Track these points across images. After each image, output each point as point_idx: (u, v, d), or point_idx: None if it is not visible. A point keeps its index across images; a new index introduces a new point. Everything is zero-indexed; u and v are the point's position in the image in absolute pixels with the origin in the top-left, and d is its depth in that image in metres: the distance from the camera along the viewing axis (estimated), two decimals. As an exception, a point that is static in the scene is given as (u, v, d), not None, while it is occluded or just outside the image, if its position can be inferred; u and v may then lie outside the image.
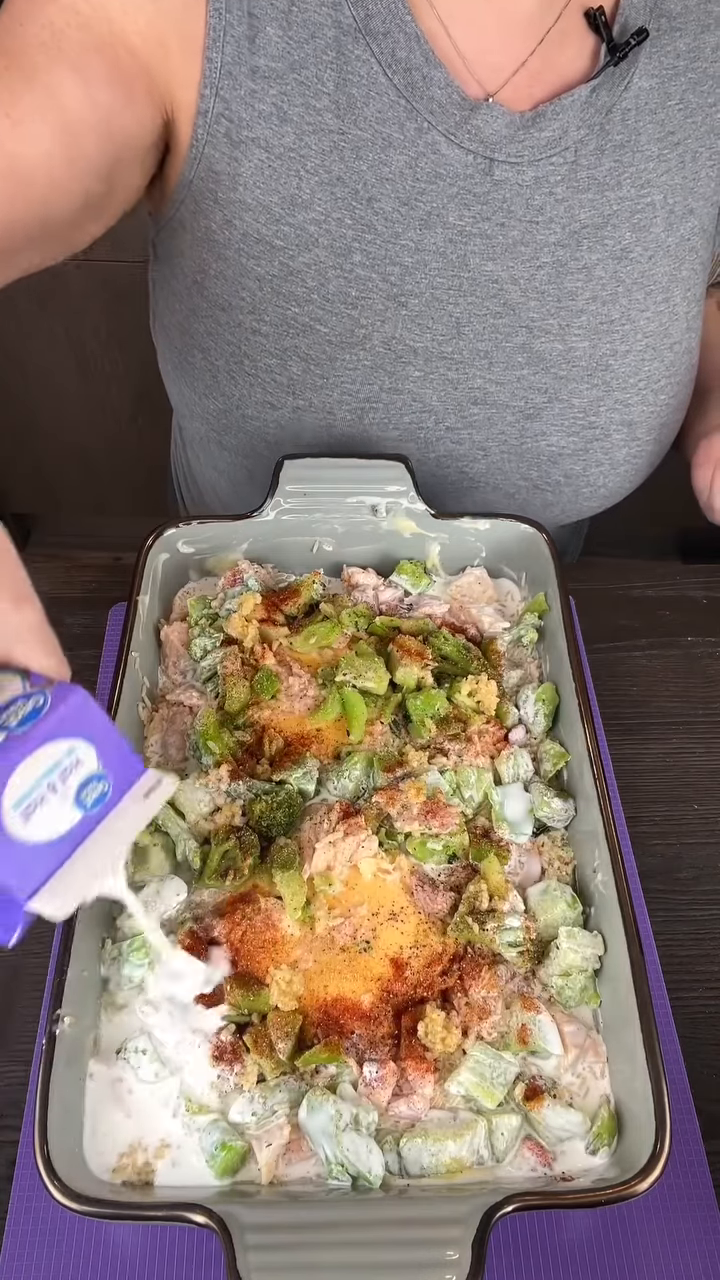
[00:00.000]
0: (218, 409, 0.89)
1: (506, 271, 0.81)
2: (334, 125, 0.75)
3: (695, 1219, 0.60)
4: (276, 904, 0.64)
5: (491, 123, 0.75)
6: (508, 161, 0.77)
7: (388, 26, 0.73)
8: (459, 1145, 0.56)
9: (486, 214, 0.78)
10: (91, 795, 0.47)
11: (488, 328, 0.83)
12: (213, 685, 0.75)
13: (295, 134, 0.74)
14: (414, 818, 0.67)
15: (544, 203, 0.79)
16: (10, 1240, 0.58)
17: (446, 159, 0.76)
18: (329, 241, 0.78)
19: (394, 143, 0.75)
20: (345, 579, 0.84)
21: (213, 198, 0.77)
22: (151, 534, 0.79)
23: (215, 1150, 0.55)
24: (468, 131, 0.76)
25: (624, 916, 0.60)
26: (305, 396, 0.84)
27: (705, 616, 0.92)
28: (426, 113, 0.75)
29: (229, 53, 0.72)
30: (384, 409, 0.85)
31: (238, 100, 0.74)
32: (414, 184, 0.77)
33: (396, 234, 0.78)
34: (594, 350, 0.84)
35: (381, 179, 0.76)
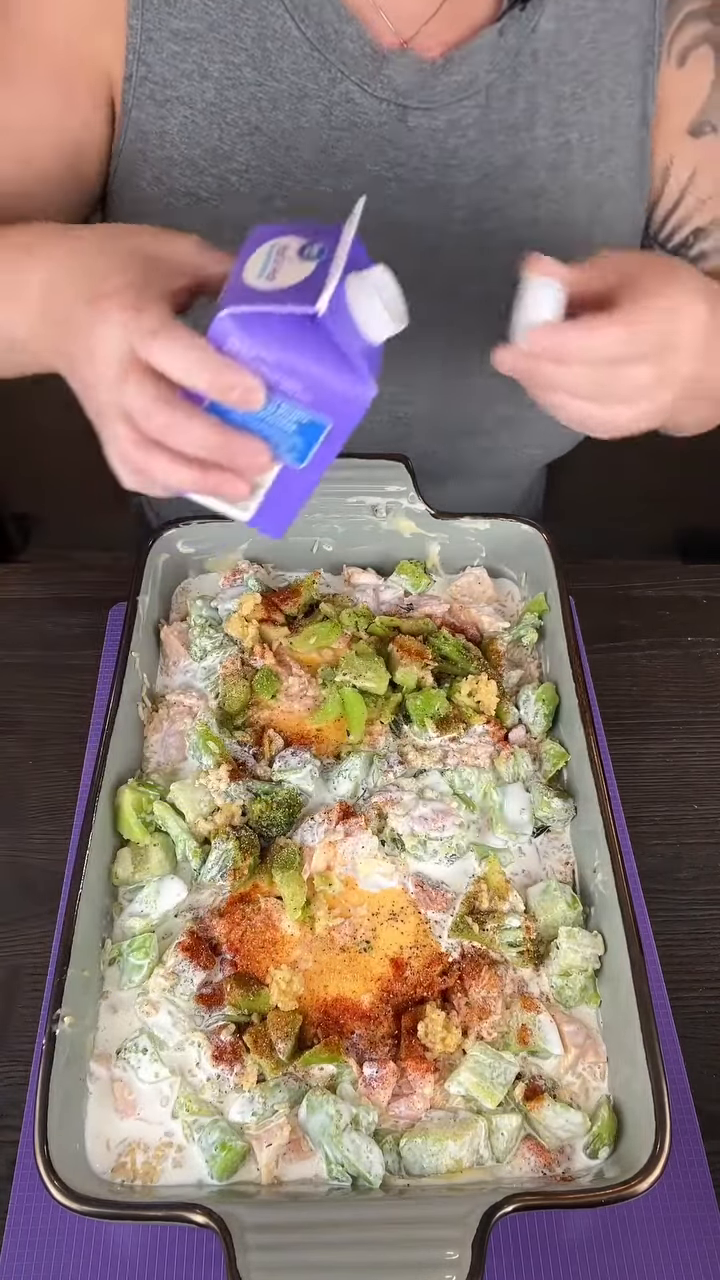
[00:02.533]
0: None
1: (424, 215, 0.81)
2: (252, 78, 0.78)
3: (695, 1219, 0.60)
4: (276, 904, 0.64)
5: (403, 71, 0.77)
6: (420, 108, 0.78)
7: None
8: (459, 1145, 0.56)
9: (401, 159, 0.80)
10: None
11: (410, 271, 0.83)
12: (213, 685, 0.75)
13: (216, 89, 0.78)
14: (414, 818, 0.67)
15: (457, 146, 0.80)
16: (10, 1240, 0.58)
17: (361, 108, 0.78)
18: (250, 190, 0.80)
19: (309, 93, 0.78)
20: (345, 579, 0.84)
21: (143, 158, 0.81)
22: (151, 534, 0.79)
23: (215, 1150, 0.55)
24: (380, 81, 0.77)
25: (624, 916, 0.60)
26: None
27: (705, 616, 0.92)
28: (339, 64, 0.77)
29: (149, 18, 0.76)
30: None
31: (160, 62, 0.77)
32: (330, 133, 0.79)
33: (316, 180, 0.80)
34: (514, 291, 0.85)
35: (299, 128, 0.79)
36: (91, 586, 0.92)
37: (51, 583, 0.93)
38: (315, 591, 0.81)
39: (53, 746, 0.81)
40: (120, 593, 0.83)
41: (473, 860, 0.68)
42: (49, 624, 0.89)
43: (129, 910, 0.64)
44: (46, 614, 0.90)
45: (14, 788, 0.78)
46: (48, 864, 0.74)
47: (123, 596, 0.77)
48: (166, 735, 0.73)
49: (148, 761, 0.72)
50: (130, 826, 0.66)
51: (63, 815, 0.76)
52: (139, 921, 0.63)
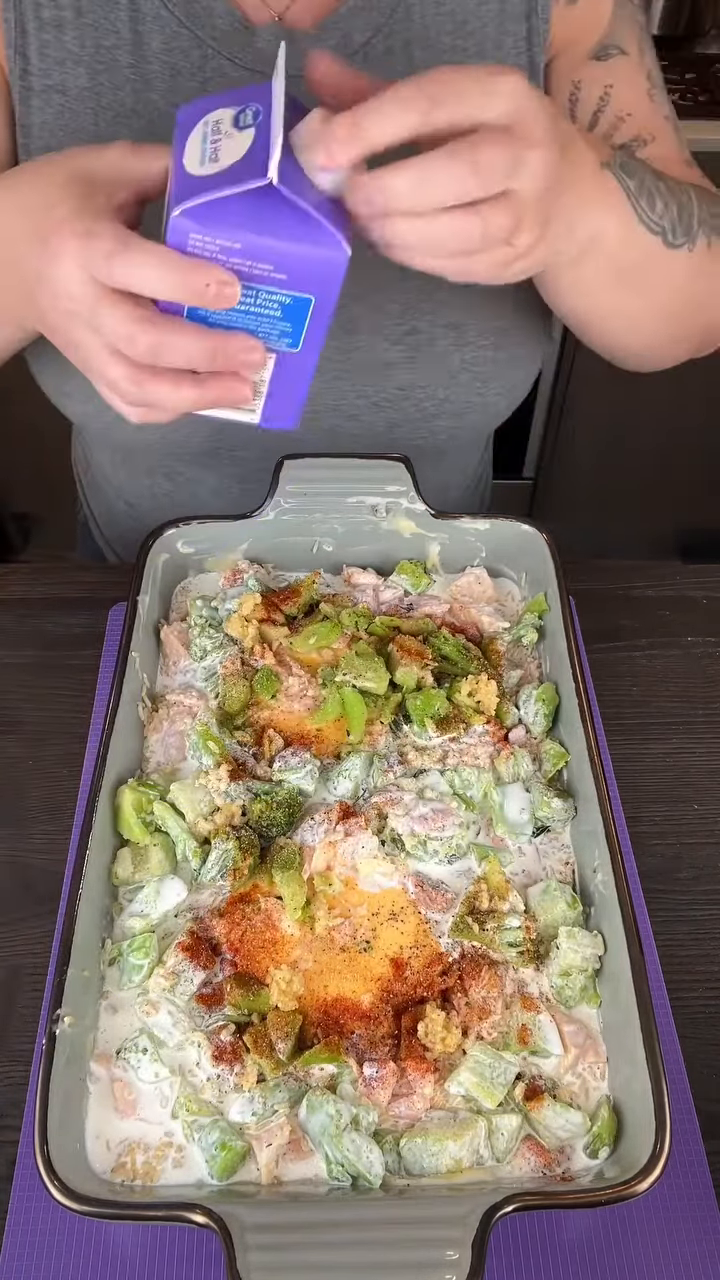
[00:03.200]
0: (55, 380, 0.88)
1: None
2: (125, 60, 0.78)
3: (695, 1219, 0.60)
4: (276, 904, 0.64)
5: (273, 42, 0.77)
6: (296, 76, 0.77)
7: None
8: (459, 1145, 0.56)
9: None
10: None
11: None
12: (213, 685, 0.75)
13: (89, 74, 0.78)
14: (414, 818, 0.67)
15: None
16: (10, 1240, 0.58)
17: (235, 81, 0.78)
18: None
19: (182, 71, 0.78)
20: (345, 579, 0.84)
21: (26, 151, 0.81)
22: (151, 534, 0.79)
23: (215, 1150, 0.55)
24: (252, 54, 0.78)
25: (624, 916, 0.60)
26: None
27: (705, 616, 0.92)
28: (210, 40, 0.77)
29: (22, 10, 0.77)
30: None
31: (33, 52, 0.78)
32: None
33: None
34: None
35: (173, 106, 0.78)
36: (91, 586, 0.92)
37: (51, 583, 0.93)
38: (315, 591, 0.81)
39: (53, 746, 0.81)
40: (120, 593, 0.83)
41: (473, 860, 0.68)
42: (49, 624, 0.89)
43: (129, 910, 0.64)
44: (46, 614, 0.90)
45: (14, 788, 0.78)
46: (48, 864, 0.74)
47: (123, 596, 0.77)
48: (166, 735, 0.73)
49: (148, 761, 0.72)
50: (130, 826, 0.66)
51: (63, 815, 0.76)
52: (139, 921, 0.63)
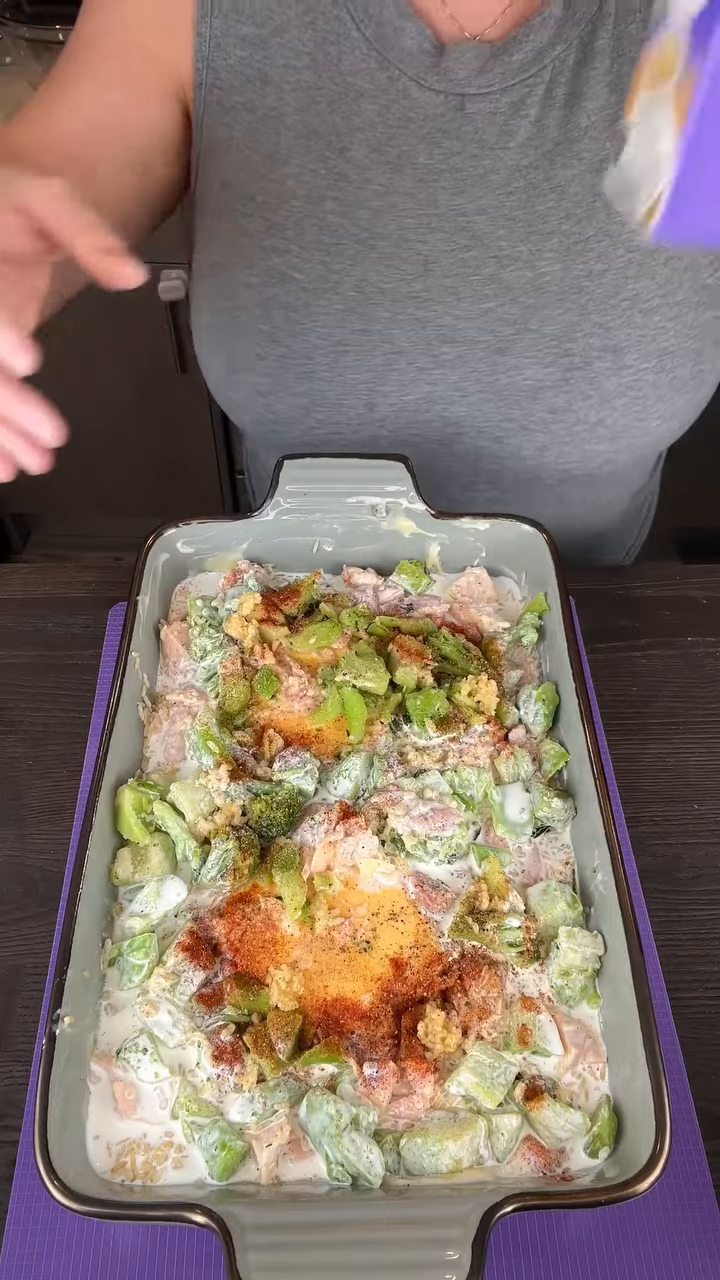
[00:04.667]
0: (222, 365, 0.91)
1: (474, 203, 0.80)
2: (311, 81, 0.78)
3: (695, 1219, 0.60)
4: (276, 904, 0.64)
5: (462, 59, 0.76)
6: (480, 94, 0.77)
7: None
8: (459, 1145, 0.56)
9: (457, 149, 0.79)
10: None
11: (455, 263, 0.82)
12: (213, 685, 0.75)
13: (276, 94, 0.78)
14: (414, 818, 0.67)
15: (518, 126, 0.78)
16: (10, 1240, 0.58)
17: (417, 103, 0.78)
18: (305, 192, 0.80)
19: (365, 93, 0.78)
20: (345, 579, 0.84)
21: (214, 162, 0.82)
22: (151, 534, 0.79)
23: (215, 1150, 0.55)
24: (438, 74, 0.77)
25: (624, 916, 0.60)
26: (285, 344, 0.86)
27: (705, 616, 0.92)
28: (397, 62, 0.77)
29: (217, 25, 0.77)
30: (355, 351, 0.86)
31: (227, 69, 0.78)
32: (384, 130, 0.78)
33: (367, 179, 0.80)
34: (566, 273, 0.82)
35: (353, 129, 0.78)
36: (91, 586, 0.92)
37: (51, 583, 0.93)
38: (315, 591, 0.81)
39: (53, 746, 0.81)
40: (120, 593, 0.83)
41: (473, 860, 0.68)
42: (49, 624, 0.89)
43: (129, 910, 0.64)
44: (46, 614, 0.90)
45: (14, 788, 0.78)
46: (48, 864, 0.74)
47: (123, 596, 0.77)
48: (166, 735, 0.73)
49: (148, 761, 0.72)
50: (130, 826, 0.66)
51: (63, 815, 0.76)
52: (139, 921, 0.63)
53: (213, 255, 0.87)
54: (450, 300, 0.84)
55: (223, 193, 0.83)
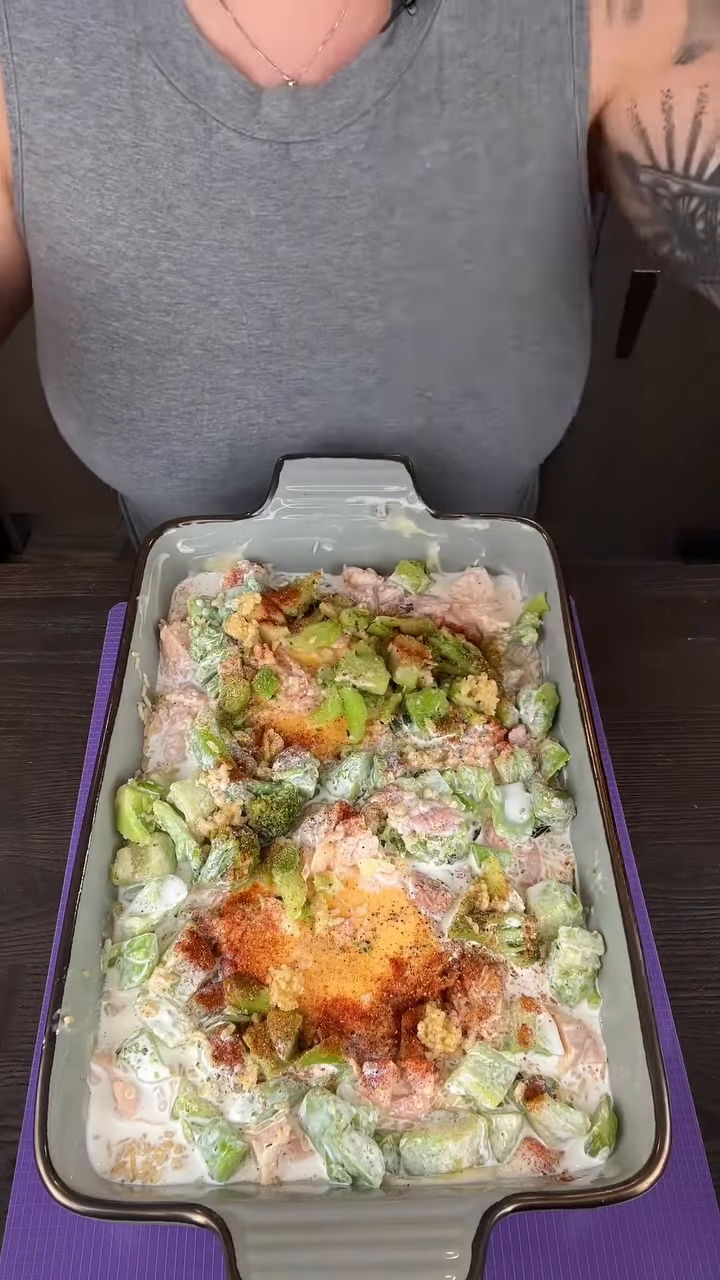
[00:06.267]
0: (76, 428, 0.91)
1: (317, 254, 0.78)
2: (128, 140, 0.75)
3: (695, 1219, 0.60)
4: (276, 904, 0.64)
5: (279, 105, 0.73)
6: (303, 141, 0.74)
7: (166, 35, 0.73)
8: (459, 1145, 0.56)
9: (289, 199, 0.77)
10: None
11: (305, 315, 0.81)
12: (213, 685, 0.75)
13: (93, 155, 0.76)
14: (414, 818, 0.67)
15: (349, 175, 0.75)
16: (10, 1240, 0.58)
17: (240, 153, 0.75)
18: (136, 253, 0.78)
19: (186, 147, 0.75)
20: (345, 579, 0.84)
21: (36, 227, 0.80)
22: (151, 534, 0.79)
23: (215, 1150, 0.55)
24: (257, 122, 0.74)
25: (624, 916, 0.60)
26: (137, 407, 0.85)
27: (705, 616, 0.92)
28: (214, 113, 0.74)
29: (24, 90, 0.75)
30: (210, 410, 0.85)
31: (39, 132, 0.76)
32: (211, 184, 0.76)
33: (199, 235, 0.78)
34: (419, 322, 0.80)
35: (179, 185, 0.76)
36: (91, 586, 0.92)
37: (51, 583, 0.93)
38: (315, 591, 0.81)
39: (53, 746, 0.81)
40: (120, 593, 0.83)
41: (473, 860, 0.68)
42: (49, 624, 0.89)
43: (129, 910, 0.64)
44: (46, 614, 0.90)
45: (14, 788, 0.79)
46: (48, 864, 0.74)
47: (123, 596, 0.77)
48: (166, 735, 0.73)
49: (148, 761, 0.72)
50: (130, 826, 0.66)
51: (63, 815, 0.76)
52: (139, 921, 0.63)
53: (50, 320, 0.86)
54: (304, 354, 0.82)
55: (50, 257, 0.81)
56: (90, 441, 0.91)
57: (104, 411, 0.87)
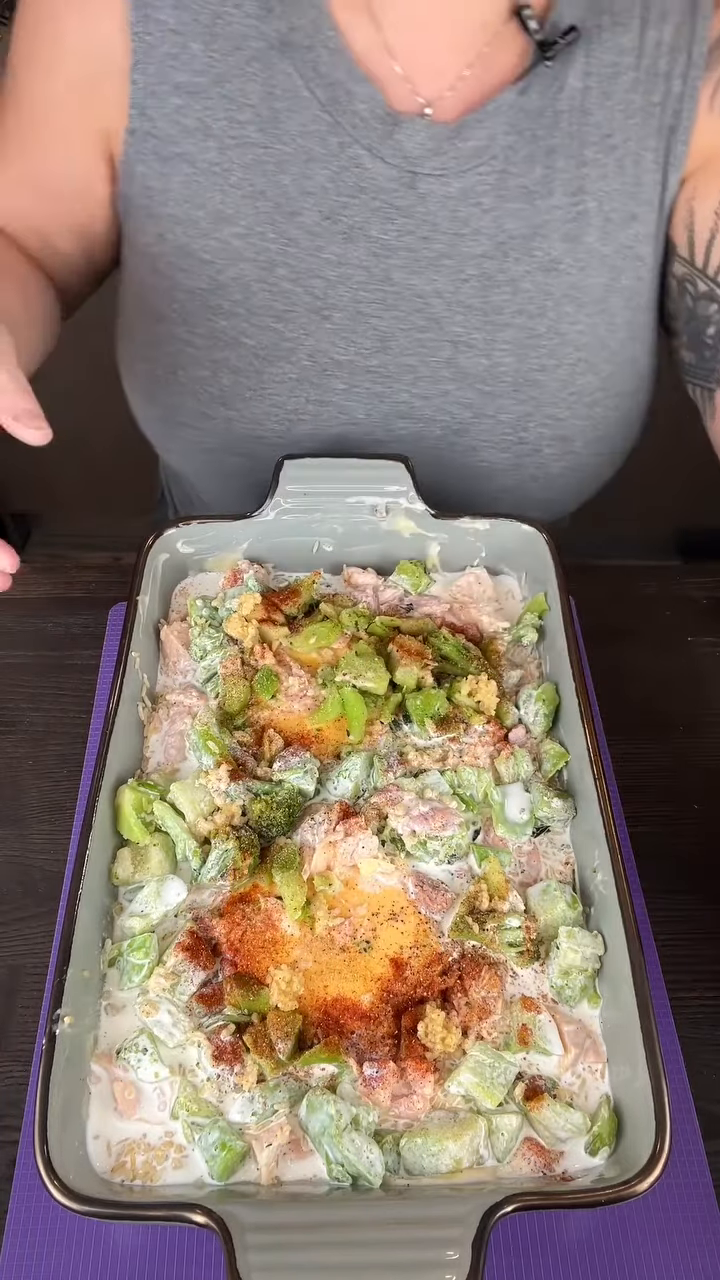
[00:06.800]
0: (158, 415, 0.91)
1: (431, 285, 0.79)
2: (257, 139, 0.75)
3: (695, 1219, 0.60)
4: (276, 904, 0.64)
5: (414, 136, 0.74)
6: (432, 175, 0.76)
7: (311, 40, 0.73)
8: (459, 1145, 0.56)
9: (410, 227, 0.77)
10: None
11: (413, 342, 0.82)
12: (213, 685, 0.75)
13: (219, 148, 0.75)
14: (414, 818, 0.67)
15: (470, 214, 0.77)
16: (10, 1240, 0.58)
17: (369, 173, 0.75)
18: (253, 255, 0.78)
19: (316, 157, 0.75)
20: (345, 579, 0.84)
21: (147, 212, 0.79)
22: (151, 534, 0.79)
23: (215, 1150, 0.55)
24: (390, 146, 0.75)
25: (624, 916, 0.60)
26: (235, 408, 0.85)
27: (705, 616, 0.92)
28: (349, 127, 0.74)
29: (152, 72, 0.74)
30: (311, 421, 0.85)
31: (163, 117, 0.75)
32: (336, 198, 0.76)
33: (319, 247, 0.78)
34: (520, 365, 0.83)
35: (304, 193, 0.76)
36: (91, 586, 0.92)
37: (51, 583, 0.93)
38: (315, 591, 0.81)
39: (53, 746, 0.81)
40: (120, 593, 0.83)
41: (473, 860, 0.68)
42: (49, 624, 0.89)
43: (129, 910, 0.64)
44: (46, 614, 0.90)
45: (14, 788, 0.78)
46: (48, 864, 0.74)
47: (123, 596, 0.77)
48: (166, 735, 0.73)
49: (148, 761, 0.72)
50: (130, 826, 0.66)
51: (63, 815, 0.76)
52: (139, 921, 0.63)
53: (147, 307, 0.85)
54: (409, 378, 0.83)
55: (158, 245, 0.80)
56: (172, 432, 0.90)
57: (197, 407, 0.86)
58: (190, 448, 0.91)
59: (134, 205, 0.80)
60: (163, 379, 0.87)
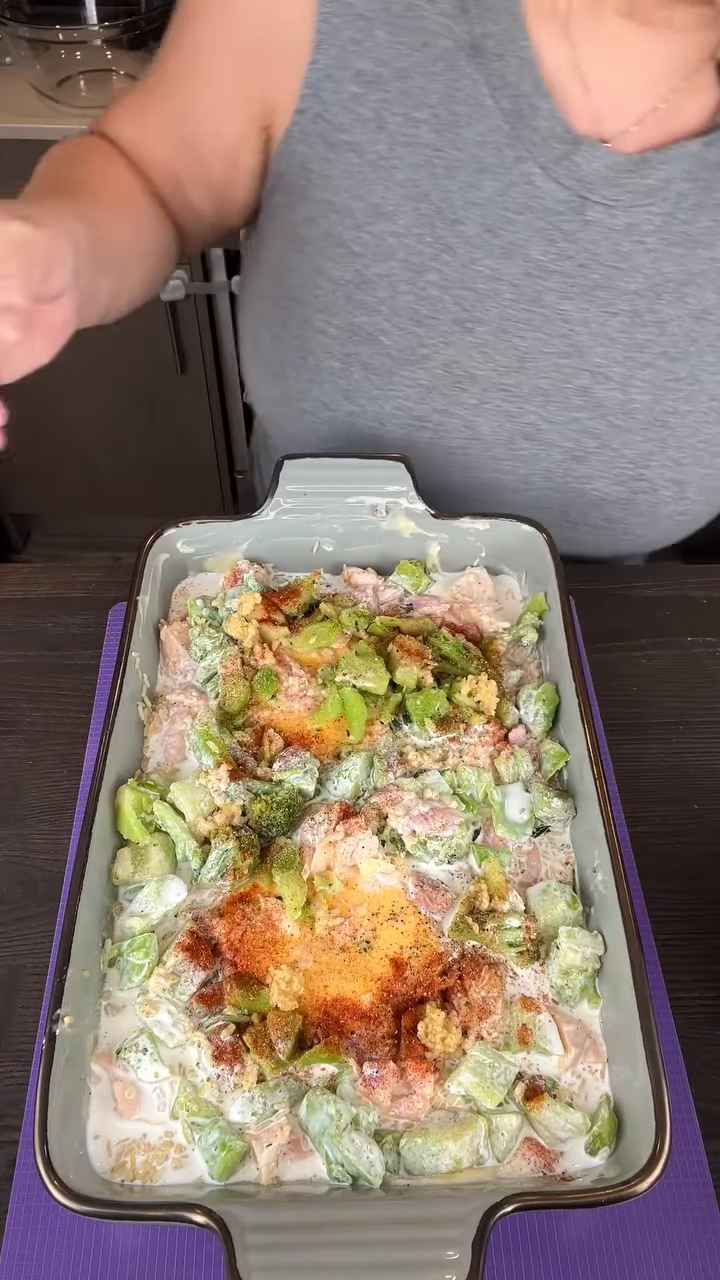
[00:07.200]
0: (277, 396, 0.90)
1: (580, 313, 0.79)
2: (430, 140, 0.73)
3: (695, 1219, 0.60)
4: (276, 904, 0.64)
5: (592, 161, 0.73)
6: (602, 203, 0.74)
7: (502, 49, 0.71)
8: (459, 1145, 0.56)
9: (570, 253, 0.77)
10: None
11: (551, 366, 0.81)
12: (213, 685, 0.75)
13: (389, 143, 0.74)
14: (414, 818, 0.67)
15: (631, 250, 0.77)
16: (10, 1240, 0.58)
17: (539, 192, 0.74)
18: (406, 256, 0.77)
19: (488, 167, 0.74)
20: (345, 579, 0.84)
21: (300, 194, 0.78)
22: (151, 534, 0.79)
23: (215, 1150, 0.55)
24: (566, 167, 0.73)
25: (624, 916, 0.60)
26: (360, 404, 0.84)
27: (705, 616, 0.92)
28: (528, 142, 0.73)
29: (334, 55, 0.72)
30: (434, 430, 0.85)
31: (337, 103, 0.74)
32: (501, 212, 0.75)
33: (474, 259, 0.77)
34: (655, 405, 0.83)
35: (469, 202, 0.75)
36: (91, 586, 0.92)
37: (51, 583, 0.93)
38: (315, 591, 0.81)
39: (53, 746, 0.81)
40: (120, 593, 0.83)
41: (473, 860, 0.68)
42: (49, 624, 0.89)
43: (129, 910, 0.64)
44: (46, 614, 0.90)
45: (14, 788, 0.78)
46: (48, 864, 0.74)
47: (123, 596, 0.77)
48: (166, 735, 0.73)
49: (148, 761, 0.72)
50: (130, 826, 0.66)
51: (63, 815, 0.76)
52: (139, 921, 0.63)
53: (284, 286, 0.84)
54: (540, 400, 0.83)
55: (307, 227, 0.79)
56: (287, 412, 0.90)
57: (321, 396, 0.86)
58: (305, 434, 0.90)
59: (287, 183, 0.79)
60: (289, 362, 0.86)
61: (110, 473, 2.09)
